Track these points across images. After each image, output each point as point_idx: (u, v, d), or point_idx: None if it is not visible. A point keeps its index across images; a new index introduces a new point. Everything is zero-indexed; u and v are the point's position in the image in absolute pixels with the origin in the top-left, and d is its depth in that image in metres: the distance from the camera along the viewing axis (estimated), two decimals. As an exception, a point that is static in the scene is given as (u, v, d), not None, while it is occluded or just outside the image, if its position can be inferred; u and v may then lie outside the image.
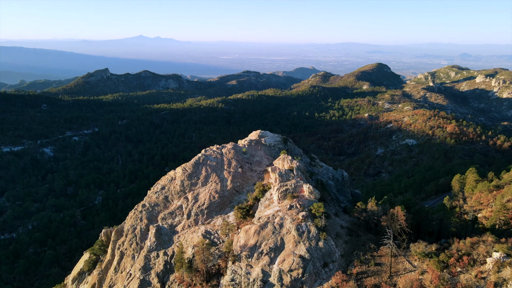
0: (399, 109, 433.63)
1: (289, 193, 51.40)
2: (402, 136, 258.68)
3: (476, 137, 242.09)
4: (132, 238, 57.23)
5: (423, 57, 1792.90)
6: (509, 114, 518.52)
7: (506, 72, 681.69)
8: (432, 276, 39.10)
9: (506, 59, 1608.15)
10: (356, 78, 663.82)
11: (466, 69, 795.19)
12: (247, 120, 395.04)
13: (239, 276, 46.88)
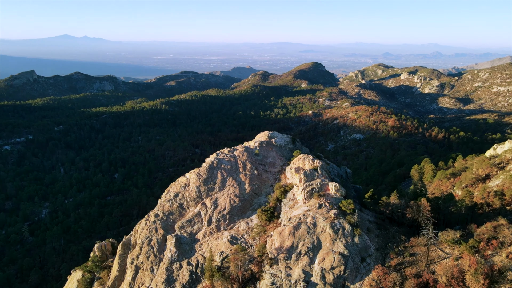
0: (338, 105, 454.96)
1: (315, 192, 51.82)
2: (349, 131, 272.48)
3: (414, 129, 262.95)
4: (149, 250, 53.77)
5: (351, 56, 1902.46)
6: (431, 107, 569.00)
7: (425, 69, 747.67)
8: (471, 261, 42.12)
9: (421, 57, 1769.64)
10: (294, 76, 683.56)
11: (391, 67, 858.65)
12: (193, 121, 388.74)
13: (279, 279, 46.34)
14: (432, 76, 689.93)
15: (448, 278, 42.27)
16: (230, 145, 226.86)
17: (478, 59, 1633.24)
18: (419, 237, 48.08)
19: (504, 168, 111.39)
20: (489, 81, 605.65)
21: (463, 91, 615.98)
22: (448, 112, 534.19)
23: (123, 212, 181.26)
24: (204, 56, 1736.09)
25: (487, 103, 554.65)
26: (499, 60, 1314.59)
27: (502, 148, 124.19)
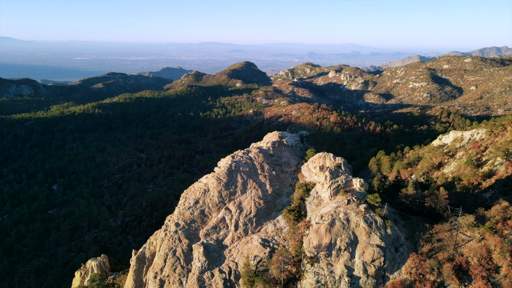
0: (276, 104, 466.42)
1: (341, 188, 53.03)
2: (295, 129, 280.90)
3: (354, 124, 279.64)
4: (175, 262, 50.73)
5: (278, 55, 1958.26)
6: (358, 103, 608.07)
7: (349, 68, 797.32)
8: (495, 241, 46.54)
9: (342, 56, 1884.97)
10: (228, 76, 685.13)
11: (318, 66, 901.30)
12: (131, 125, 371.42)
13: (323, 277, 46.81)
14: (356, 74, 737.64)
15: (478, 259, 46.20)
16: (178, 148, 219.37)
17: (391, 58, 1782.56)
18: (442, 223, 51.72)
19: (453, 156, 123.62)
20: (405, 78, 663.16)
21: (384, 87, 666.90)
22: (373, 107, 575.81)
23: (72, 225, 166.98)
24: (129, 56, 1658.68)
25: (406, 97, 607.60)
26: (409, 59, 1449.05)
27: (447, 138, 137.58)
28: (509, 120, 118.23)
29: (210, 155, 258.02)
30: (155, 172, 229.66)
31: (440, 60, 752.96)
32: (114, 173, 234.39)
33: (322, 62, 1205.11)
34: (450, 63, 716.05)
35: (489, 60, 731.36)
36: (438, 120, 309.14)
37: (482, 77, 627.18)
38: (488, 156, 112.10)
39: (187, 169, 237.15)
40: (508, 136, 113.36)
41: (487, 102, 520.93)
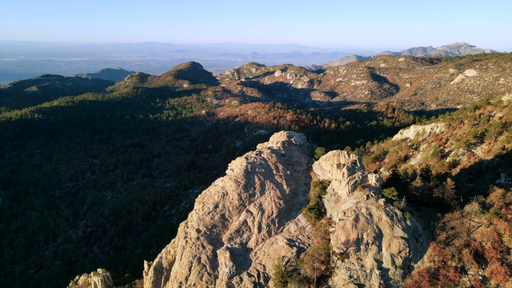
0: (227, 103, 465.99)
1: (358, 184, 54.40)
2: (253, 128, 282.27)
3: (309, 122, 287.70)
4: (201, 269, 48.84)
5: (222, 55, 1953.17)
6: (306, 101, 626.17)
7: (294, 67, 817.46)
8: (504, 225, 50.56)
9: (284, 56, 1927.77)
10: (174, 77, 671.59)
11: (263, 66, 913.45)
12: (76, 130, 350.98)
13: (355, 271, 47.75)
14: (301, 73, 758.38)
15: (491, 243, 49.89)
16: (134, 152, 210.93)
17: (330, 57, 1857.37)
18: (452, 212, 55.04)
19: (417, 149, 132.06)
20: (347, 77, 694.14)
21: (329, 85, 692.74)
22: (320, 104, 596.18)
23: (27, 240, 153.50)
24: (64, 57, 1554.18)
25: (349, 95, 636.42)
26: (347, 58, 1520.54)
27: (408, 133, 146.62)
28: (465, 115, 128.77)
29: (169, 157, 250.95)
30: (113, 178, 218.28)
31: (377, 59, 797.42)
32: (66, 181, 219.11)
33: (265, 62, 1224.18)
34: (386, 62, 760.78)
35: (419, 59, 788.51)
36: (385, 116, 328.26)
37: (415, 75, 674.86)
38: (450, 148, 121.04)
39: (146, 173, 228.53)
40: (465, 129, 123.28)
41: (421, 98, 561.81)
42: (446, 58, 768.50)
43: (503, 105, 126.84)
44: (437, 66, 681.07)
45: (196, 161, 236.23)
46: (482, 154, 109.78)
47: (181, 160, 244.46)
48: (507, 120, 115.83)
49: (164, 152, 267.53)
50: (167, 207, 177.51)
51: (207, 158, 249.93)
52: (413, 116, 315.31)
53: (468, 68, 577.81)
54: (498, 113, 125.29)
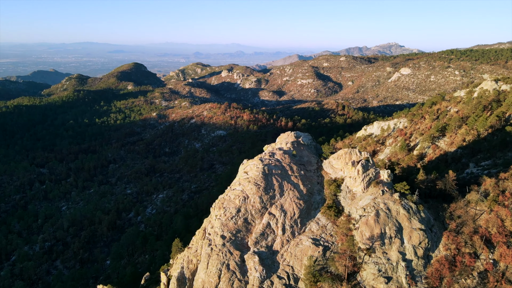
0: (177, 105, 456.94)
1: (372, 181, 56.07)
2: (210, 129, 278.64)
3: (266, 121, 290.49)
4: (231, 276, 47.51)
5: (163, 55, 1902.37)
6: (255, 101, 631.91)
7: (240, 67, 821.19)
8: (506, 211, 54.98)
9: (228, 56, 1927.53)
10: (117, 79, 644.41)
11: (209, 66, 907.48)
12: (14, 137, 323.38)
13: (383, 265, 49.28)
14: (247, 73, 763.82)
15: (497, 228, 54.03)
16: (86, 159, 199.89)
17: (273, 57, 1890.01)
18: (456, 202, 58.71)
19: (384, 143, 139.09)
20: (294, 76, 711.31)
21: (276, 84, 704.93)
22: (269, 103, 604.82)
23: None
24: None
25: (296, 94, 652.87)
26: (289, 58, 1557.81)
27: (372, 129, 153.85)
28: (425, 110, 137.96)
29: (125, 163, 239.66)
30: (66, 188, 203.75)
31: (320, 59, 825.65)
32: (12, 193, 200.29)
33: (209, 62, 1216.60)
34: (329, 62, 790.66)
35: (358, 58, 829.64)
36: (336, 113, 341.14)
37: (356, 74, 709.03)
38: (415, 141, 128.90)
39: (103, 180, 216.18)
40: (427, 123, 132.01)
41: (363, 95, 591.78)
42: (382, 57, 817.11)
43: (457, 101, 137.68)
44: (375, 65, 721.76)
45: (156, 165, 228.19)
46: (446, 146, 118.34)
47: (138, 164, 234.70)
48: (464, 114, 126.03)
49: (119, 157, 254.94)
50: (132, 214, 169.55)
51: (166, 161, 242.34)
52: (362, 112, 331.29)
53: (403, 67, 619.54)
54: (453, 108, 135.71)
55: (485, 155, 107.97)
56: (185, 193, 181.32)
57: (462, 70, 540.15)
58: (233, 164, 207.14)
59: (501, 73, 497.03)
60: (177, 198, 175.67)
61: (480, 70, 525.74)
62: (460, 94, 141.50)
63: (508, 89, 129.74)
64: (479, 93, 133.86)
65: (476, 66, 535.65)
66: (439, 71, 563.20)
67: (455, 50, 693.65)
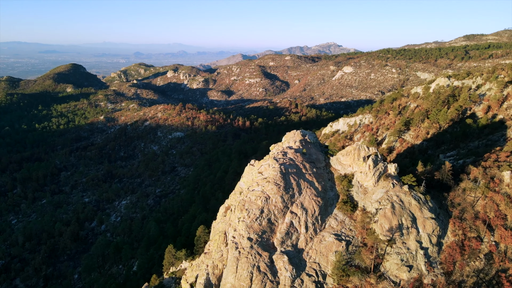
0: (125, 107, 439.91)
1: (382, 175, 58.12)
2: (167, 131, 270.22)
3: (223, 121, 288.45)
4: (263, 278, 46.98)
5: (101, 56, 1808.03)
6: (203, 101, 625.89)
7: (185, 67, 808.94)
8: (500, 197, 59.77)
9: (170, 56, 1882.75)
10: (54, 81, 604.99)
11: (152, 66, 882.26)
12: None
13: (404, 255, 51.42)
14: (193, 73, 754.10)
15: (494, 212, 58.59)
16: (33, 168, 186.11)
17: (216, 57, 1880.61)
18: (454, 191, 62.67)
19: (352, 139, 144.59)
20: (241, 75, 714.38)
21: (224, 84, 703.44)
22: (218, 103, 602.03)
23: None
24: None
25: (245, 93, 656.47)
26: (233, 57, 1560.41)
27: (337, 125, 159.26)
28: (389, 106, 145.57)
29: (78, 170, 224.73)
30: (14, 200, 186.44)
31: (266, 58, 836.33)
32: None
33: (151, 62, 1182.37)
34: (275, 61, 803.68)
35: (303, 57, 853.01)
36: (290, 111, 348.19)
37: (302, 72, 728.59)
38: (381, 136, 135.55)
39: (55, 190, 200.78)
40: (391, 118, 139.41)
41: (310, 93, 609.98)
42: (325, 56, 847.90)
43: (415, 96, 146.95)
44: (319, 64, 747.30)
45: (113, 170, 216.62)
46: (412, 139, 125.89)
47: (93, 171, 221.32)
48: (424, 109, 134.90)
49: (70, 164, 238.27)
50: (95, 223, 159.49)
51: (124, 166, 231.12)
52: (315, 110, 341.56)
53: (345, 65, 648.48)
54: (413, 103, 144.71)
55: (448, 146, 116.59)
56: (150, 198, 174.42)
57: (398, 68, 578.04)
58: (196, 166, 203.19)
59: (432, 70, 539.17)
60: (143, 203, 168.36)
61: (414, 68, 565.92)
62: (417, 90, 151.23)
63: (460, 85, 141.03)
64: (435, 89, 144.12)
65: (410, 64, 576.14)
66: (378, 69, 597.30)
67: (390, 49, 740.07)
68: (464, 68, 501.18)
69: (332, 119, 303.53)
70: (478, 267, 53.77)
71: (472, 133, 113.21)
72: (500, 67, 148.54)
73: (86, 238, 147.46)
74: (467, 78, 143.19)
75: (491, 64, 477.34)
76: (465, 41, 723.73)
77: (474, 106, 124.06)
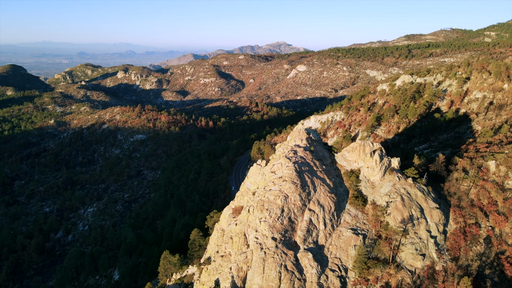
0: (76, 110, 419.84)
1: (388, 169, 60.31)
2: (128, 134, 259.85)
3: (186, 122, 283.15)
4: (291, 277, 47.64)
5: (41, 56, 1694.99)
6: (158, 102, 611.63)
7: (136, 67, 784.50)
8: (489, 185, 64.30)
9: (117, 56, 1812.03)
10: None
11: (100, 67, 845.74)
12: None
13: (417, 244, 53.92)
14: (145, 73, 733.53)
15: (487, 199, 62.96)
16: None
17: (166, 56, 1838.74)
18: (448, 181, 66.43)
19: (325, 135, 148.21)
20: (196, 75, 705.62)
21: (178, 84, 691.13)
22: (173, 104, 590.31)
23: None
24: None
25: (200, 93, 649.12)
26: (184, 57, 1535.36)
27: (309, 122, 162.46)
28: (359, 103, 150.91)
29: (33, 178, 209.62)
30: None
31: (219, 57, 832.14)
32: None
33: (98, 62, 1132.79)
34: (229, 60, 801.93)
35: (256, 56, 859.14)
36: (251, 110, 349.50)
37: (256, 71, 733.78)
38: (354, 132, 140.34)
39: (9, 200, 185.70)
40: (362, 114, 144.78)
41: (265, 91, 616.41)
42: (278, 55, 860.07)
43: (382, 93, 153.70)
44: (272, 62, 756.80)
45: (74, 177, 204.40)
46: (384, 134, 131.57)
47: (50, 178, 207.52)
48: (392, 105, 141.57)
49: (22, 172, 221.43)
50: (61, 234, 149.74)
51: (85, 172, 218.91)
52: (276, 108, 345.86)
53: (299, 64, 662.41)
54: (380, 100, 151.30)
55: (419, 139, 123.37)
56: (119, 204, 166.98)
57: (349, 66, 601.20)
58: (165, 169, 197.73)
59: (380, 68, 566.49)
60: (111, 210, 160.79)
61: (363, 66, 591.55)
62: (383, 87, 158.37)
63: (422, 82, 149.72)
64: (400, 86, 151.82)
65: (360, 62, 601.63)
66: (330, 68, 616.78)
67: (340, 48, 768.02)
68: (409, 66, 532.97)
69: (293, 117, 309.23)
70: (480, 251, 57.54)
71: (440, 126, 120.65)
72: (456, 65, 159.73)
73: (53, 250, 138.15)
74: (428, 75, 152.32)
75: (432, 62, 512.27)
76: (406, 40, 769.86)
77: (439, 101, 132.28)
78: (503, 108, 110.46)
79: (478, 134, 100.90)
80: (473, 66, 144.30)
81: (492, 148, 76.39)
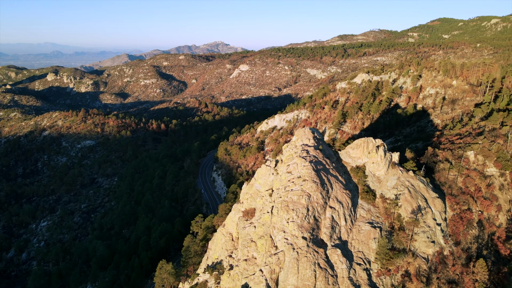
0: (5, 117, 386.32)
1: (391, 163, 63.50)
2: (73, 140, 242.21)
3: (136, 125, 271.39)
4: (325, 274, 49.17)
5: None
6: (96, 105, 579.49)
7: (68, 69, 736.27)
8: (472, 173, 70.33)
9: (43, 57, 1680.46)
10: None
11: (25, 69, 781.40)
12: None
13: (428, 232, 57.49)
14: (78, 75, 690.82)
15: (475, 187, 68.83)
16: None
17: (98, 57, 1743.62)
18: (439, 172, 71.46)
19: (292, 133, 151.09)
20: (135, 76, 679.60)
21: (117, 86, 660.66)
22: (113, 107, 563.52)
23: None
24: None
25: (141, 95, 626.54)
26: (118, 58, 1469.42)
27: (273, 122, 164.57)
28: (323, 101, 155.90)
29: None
30: None
31: (158, 58, 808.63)
32: None
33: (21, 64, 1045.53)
34: (169, 60, 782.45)
35: (197, 56, 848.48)
36: (201, 111, 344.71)
37: (198, 71, 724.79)
38: (321, 129, 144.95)
39: None
40: (327, 112, 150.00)
41: (209, 92, 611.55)
42: (220, 55, 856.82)
43: (342, 91, 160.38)
44: (214, 62, 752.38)
45: (18, 189, 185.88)
46: (350, 130, 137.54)
47: None
48: (355, 102, 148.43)
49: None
50: (13, 252, 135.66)
51: (29, 183, 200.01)
52: (227, 109, 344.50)
53: (241, 64, 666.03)
54: (342, 97, 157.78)
55: (384, 134, 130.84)
56: (76, 215, 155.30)
57: (290, 66, 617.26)
58: (122, 175, 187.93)
59: (319, 67, 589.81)
60: (69, 222, 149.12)
61: (303, 65, 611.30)
62: (342, 85, 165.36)
63: (378, 79, 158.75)
64: (359, 84, 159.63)
65: (300, 61, 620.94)
66: (272, 67, 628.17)
67: (281, 48, 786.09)
68: (346, 65, 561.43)
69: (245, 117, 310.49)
70: (475, 234, 62.83)
71: (402, 121, 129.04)
72: (406, 63, 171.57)
73: (7, 271, 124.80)
74: (383, 73, 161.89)
75: (366, 61, 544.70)
76: (340, 40, 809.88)
77: (397, 97, 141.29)
78: (456, 102, 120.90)
79: (441, 127, 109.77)
80: (423, 65, 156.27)
81: (466, 139, 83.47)
